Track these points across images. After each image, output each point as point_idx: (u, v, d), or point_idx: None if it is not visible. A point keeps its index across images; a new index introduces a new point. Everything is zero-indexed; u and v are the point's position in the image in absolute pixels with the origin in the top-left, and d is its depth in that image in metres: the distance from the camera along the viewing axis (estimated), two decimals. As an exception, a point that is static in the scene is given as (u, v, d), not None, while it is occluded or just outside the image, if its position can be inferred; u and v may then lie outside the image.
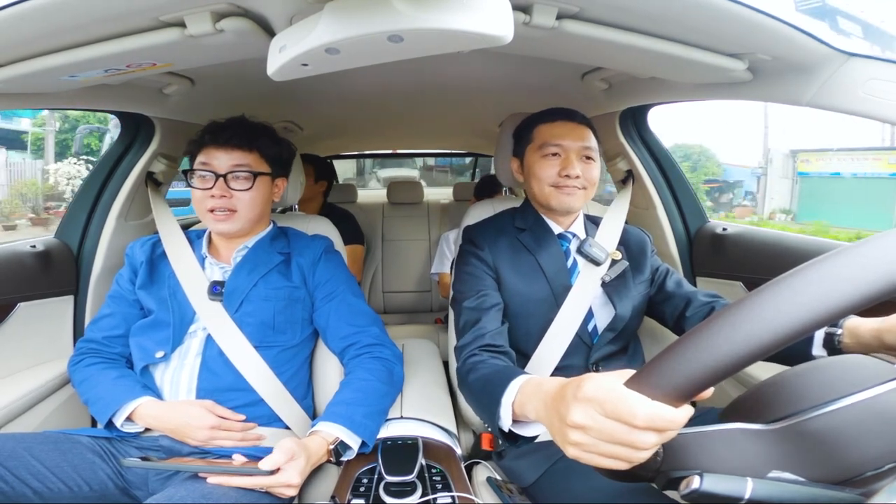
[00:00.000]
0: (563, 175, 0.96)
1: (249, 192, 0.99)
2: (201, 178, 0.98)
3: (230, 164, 0.98)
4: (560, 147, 0.97)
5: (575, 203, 0.99)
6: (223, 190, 0.97)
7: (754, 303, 0.38)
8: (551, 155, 0.98)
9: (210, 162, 0.98)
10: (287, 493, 0.75)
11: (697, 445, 0.46)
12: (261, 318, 0.98)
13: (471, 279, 0.99)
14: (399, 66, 0.68)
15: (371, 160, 7.62)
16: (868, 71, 0.76)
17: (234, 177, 0.98)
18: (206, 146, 0.99)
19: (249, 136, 1.00)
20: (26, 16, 0.61)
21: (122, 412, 0.89)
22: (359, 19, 0.55)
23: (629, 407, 0.42)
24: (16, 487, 0.76)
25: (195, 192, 0.99)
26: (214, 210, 0.98)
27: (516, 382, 0.66)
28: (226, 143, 0.98)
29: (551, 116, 1.01)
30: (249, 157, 1.00)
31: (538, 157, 0.99)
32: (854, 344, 0.72)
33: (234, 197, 0.98)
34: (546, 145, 0.98)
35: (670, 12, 0.67)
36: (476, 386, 0.80)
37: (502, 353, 0.90)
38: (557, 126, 0.99)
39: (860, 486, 0.41)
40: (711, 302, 0.96)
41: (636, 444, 0.43)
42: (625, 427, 0.43)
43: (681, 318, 0.98)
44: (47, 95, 0.91)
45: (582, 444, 0.46)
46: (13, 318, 1.11)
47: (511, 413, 0.65)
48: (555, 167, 0.97)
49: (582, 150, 0.98)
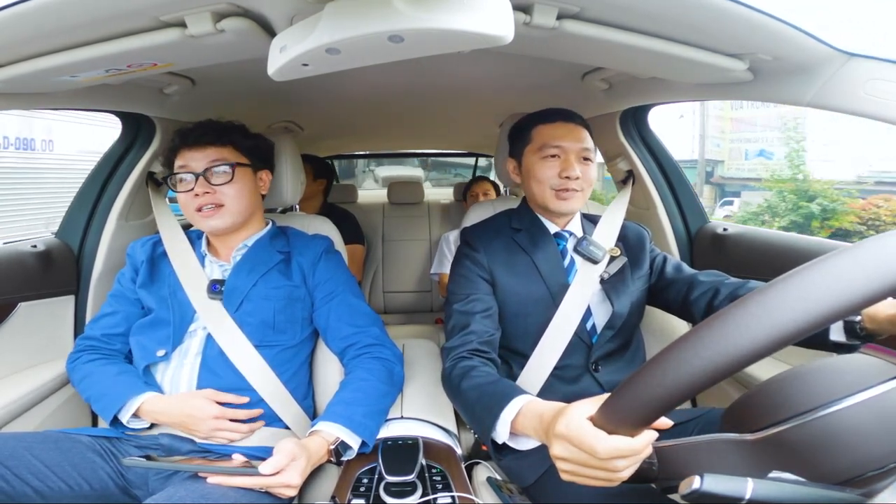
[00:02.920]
0: (563, 176, 0.96)
1: (232, 185, 1.00)
2: (182, 182, 0.99)
3: (206, 160, 0.98)
4: (560, 148, 0.97)
5: (574, 206, 0.99)
6: (205, 187, 0.98)
7: (698, 336, 0.41)
8: (551, 157, 0.98)
9: (187, 163, 0.99)
10: (287, 494, 0.75)
11: (688, 455, 0.49)
12: (261, 317, 0.98)
13: (463, 282, 0.99)
14: (399, 66, 0.68)
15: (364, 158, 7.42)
16: (869, 71, 0.76)
17: (212, 172, 0.98)
18: (180, 149, 1.00)
19: (220, 132, 1.01)
20: (26, 16, 0.61)
21: (128, 408, 0.89)
22: (359, 19, 0.55)
23: (590, 444, 0.50)
24: (16, 486, 0.76)
25: (180, 196, 1.00)
26: (201, 208, 0.98)
27: (517, 402, 0.70)
28: (197, 141, 0.99)
29: (550, 117, 1.01)
30: (224, 151, 1.01)
31: (537, 158, 0.99)
32: (876, 329, 0.71)
33: (218, 192, 0.99)
34: (546, 147, 0.98)
35: (671, 12, 0.67)
36: (470, 394, 0.81)
37: (490, 359, 0.90)
38: (558, 127, 0.99)
39: (861, 486, 0.41)
40: (715, 283, 0.94)
41: (608, 469, 0.50)
42: (593, 458, 0.50)
43: (686, 303, 0.97)
44: (47, 95, 0.91)
45: (567, 471, 0.54)
46: (14, 317, 1.12)
47: (509, 429, 0.70)
48: (555, 168, 0.97)
49: (581, 152, 0.98)
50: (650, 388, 0.43)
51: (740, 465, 0.45)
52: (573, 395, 0.93)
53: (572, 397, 0.61)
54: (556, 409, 0.60)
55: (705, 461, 0.48)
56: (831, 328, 0.75)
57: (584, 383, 0.95)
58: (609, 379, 0.96)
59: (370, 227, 2.48)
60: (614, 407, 0.49)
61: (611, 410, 0.49)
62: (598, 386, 0.95)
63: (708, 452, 0.48)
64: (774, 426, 0.44)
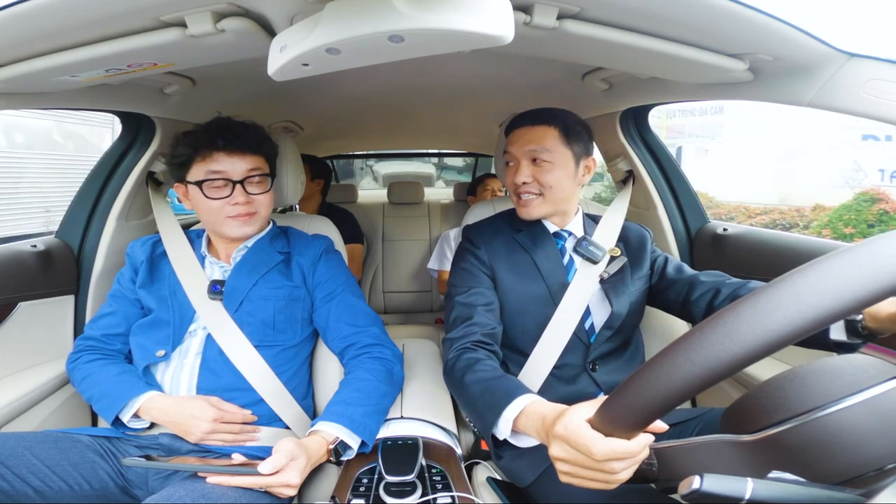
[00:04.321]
0: (515, 182, 0.98)
1: (267, 195, 1.01)
2: (216, 188, 0.96)
3: (245, 168, 0.97)
4: (510, 155, 0.99)
5: (532, 212, 0.99)
6: (244, 196, 0.97)
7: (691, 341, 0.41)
8: (507, 164, 1.00)
9: (223, 169, 0.96)
10: (286, 493, 0.75)
11: (687, 456, 0.49)
12: (261, 317, 0.98)
13: (465, 275, 1.00)
14: (400, 66, 0.68)
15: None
16: (869, 71, 0.76)
17: (249, 181, 0.98)
18: (214, 152, 0.96)
19: (259, 140, 1.01)
20: (27, 16, 0.61)
21: (129, 408, 0.89)
22: (359, 19, 0.55)
23: (586, 446, 0.51)
24: (16, 486, 0.76)
25: (210, 202, 0.96)
26: (237, 216, 0.98)
27: (520, 402, 0.71)
28: (238, 147, 0.97)
29: (514, 123, 1.01)
30: (260, 160, 1.01)
31: (503, 166, 1.02)
32: (878, 327, 0.70)
33: (255, 201, 0.99)
34: (505, 154, 1.00)
35: (671, 12, 0.67)
36: (474, 388, 0.80)
37: (493, 352, 0.90)
38: (515, 134, 1.00)
39: (861, 486, 0.41)
40: (716, 284, 0.93)
41: (605, 470, 0.51)
42: (590, 460, 0.51)
43: (686, 304, 0.97)
44: (48, 95, 0.91)
45: (566, 472, 0.55)
46: (14, 317, 1.12)
47: (511, 427, 0.71)
48: (511, 176, 0.99)
49: (529, 153, 0.96)
50: (644, 392, 0.44)
51: (739, 466, 0.45)
52: (571, 395, 0.93)
53: (570, 397, 0.62)
54: (558, 410, 0.60)
55: (704, 462, 0.48)
56: (832, 328, 0.75)
57: (582, 383, 0.95)
58: (607, 379, 0.96)
59: (370, 227, 2.48)
60: (610, 410, 0.49)
61: (607, 414, 0.50)
62: (595, 386, 0.95)
63: (707, 453, 0.48)
64: (773, 427, 0.44)
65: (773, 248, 1.22)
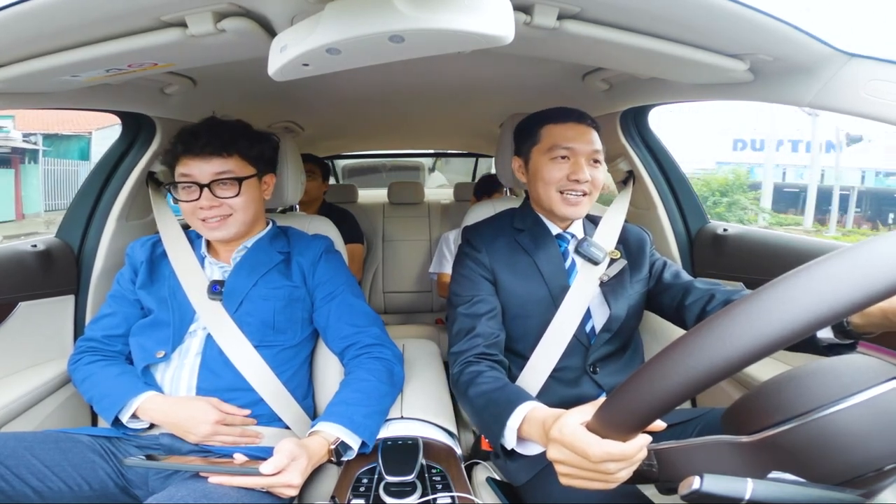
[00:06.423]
0: (571, 179, 0.95)
1: (239, 197, 0.97)
2: (186, 190, 0.96)
3: (211, 172, 0.95)
4: (570, 150, 0.95)
5: (580, 212, 0.98)
6: (211, 200, 0.95)
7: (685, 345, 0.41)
8: (560, 158, 0.96)
9: (190, 173, 0.95)
10: (287, 493, 0.75)
11: (687, 457, 0.50)
12: (261, 317, 0.98)
13: (466, 283, 0.98)
14: (400, 66, 0.68)
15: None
16: (870, 71, 0.76)
17: (218, 185, 0.96)
18: (182, 157, 0.95)
19: (225, 141, 0.96)
20: (27, 16, 0.61)
21: (128, 408, 0.89)
22: (360, 19, 0.55)
23: (583, 448, 0.51)
24: (16, 486, 0.76)
25: (183, 205, 0.97)
26: (207, 220, 0.97)
27: (522, 409, 0.72)
28: (201, 151, 0.95)
29: (561, 117, 0.98)
30: (230, 163, 0.97)
31: (546, 159, 0.97)
32: (864, 324, 0.69)
33: (225, 204, 0.96)
34: (556, 147, 0.96)
35: (671, 12, 0.67)
36: (478, 401, 0.82)
37: (496, 361, 0.90)
38: (569, 128, 0.97)
39: (861, 486, 0.41)
40: (711, 290, 0.93)
41: (602, 472, 0.52)
42: (588, 462, 0.52)
43: (680, 308, 0.97)
44: (48, 95, 0.91)
45: (565, 474, 0.56)
46: (14, 317, 1.11)
47: (516, 436, 0.72)
48: (563, 170, 0.95)
49: (592, 154, 0.96)
50: (639, 395, 0.44)
51: (739, 466, 0.46)
52: (571, 398, 0.93)
53: (570, 400, 0.62)
54: (555, 415, 0.61)
55: (704, 462, 0.48)
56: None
57: (583, 385, 0.95)
58: (607, 381, 0.96)
59: (370, 227, 2.48)
60: (606, 414, 0.50)
61: (603, 416, 0.51)
62: (596, 388, 0.95)
63: (707, 454, 0.48)
64: (773, 428, 0.44)
65: (773, 248, 1.22)
